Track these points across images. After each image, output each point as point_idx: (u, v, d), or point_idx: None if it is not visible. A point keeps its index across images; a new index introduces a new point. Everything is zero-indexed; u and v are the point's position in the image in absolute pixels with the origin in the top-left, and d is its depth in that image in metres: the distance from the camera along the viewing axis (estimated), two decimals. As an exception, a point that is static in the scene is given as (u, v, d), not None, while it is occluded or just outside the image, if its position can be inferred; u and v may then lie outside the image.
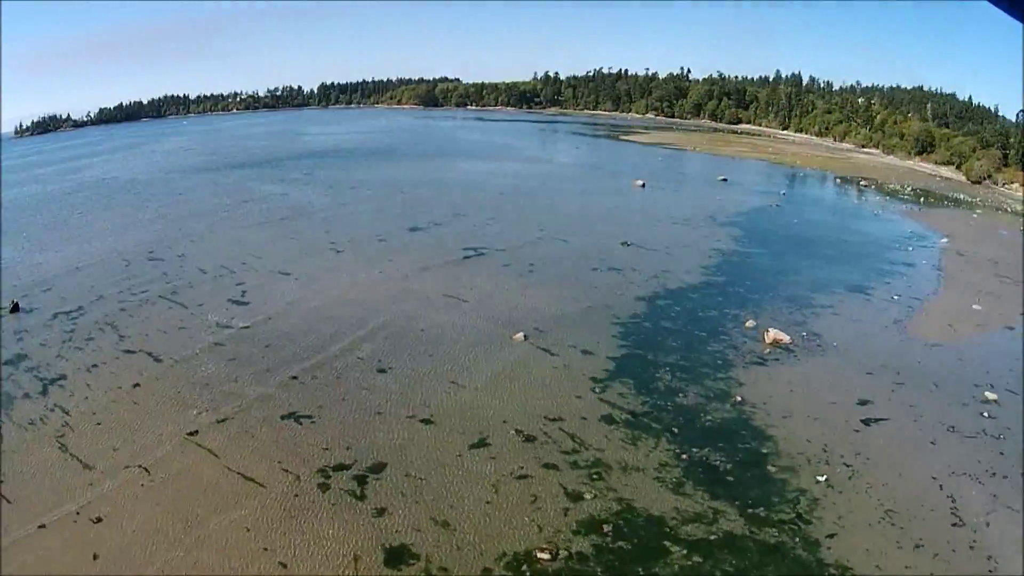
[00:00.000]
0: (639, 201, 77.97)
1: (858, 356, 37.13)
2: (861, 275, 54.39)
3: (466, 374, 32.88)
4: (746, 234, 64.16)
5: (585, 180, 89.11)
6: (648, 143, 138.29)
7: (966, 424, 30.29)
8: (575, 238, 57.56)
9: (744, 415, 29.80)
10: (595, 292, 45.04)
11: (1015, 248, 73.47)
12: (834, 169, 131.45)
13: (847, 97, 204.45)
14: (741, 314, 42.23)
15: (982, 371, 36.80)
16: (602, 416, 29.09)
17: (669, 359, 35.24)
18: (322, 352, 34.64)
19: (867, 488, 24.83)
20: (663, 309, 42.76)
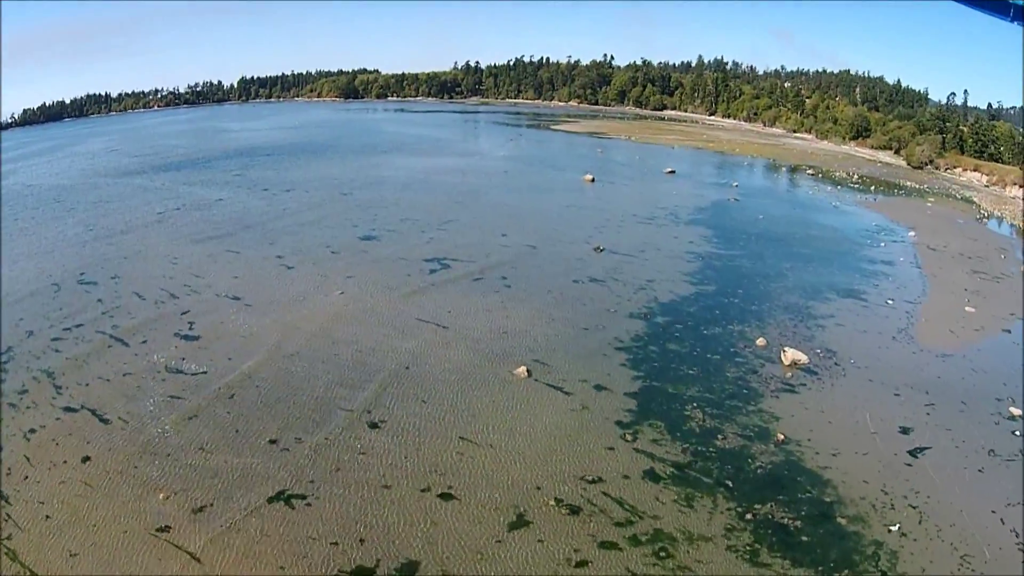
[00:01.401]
0: (594, 198, 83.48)
1: (880, 374, 41.05)
2: (847, 277, 60.71)
3: (475, 426, 32.51)
4: (716, 234, 69.97)
5: (531, 176, 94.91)
6: (580, 132, 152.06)
7: (1003, 446, 34.23)
8: (543, 244, 60.45)
9: (793, 456, 31.74)
10: (585, 310, 46.90)
11: (978, 239, 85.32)
12: (775, 156, 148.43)
13: (775, 82, 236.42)
14: (747, 330, 45.87)
15: (998, 383, 41.96)
16: (644, 472, 29.72)
17: (691, 391, 37.09)
18: (297, 403, 34.24)
19: (938, 532, 27.17)
20: (664, 328, 45.29)
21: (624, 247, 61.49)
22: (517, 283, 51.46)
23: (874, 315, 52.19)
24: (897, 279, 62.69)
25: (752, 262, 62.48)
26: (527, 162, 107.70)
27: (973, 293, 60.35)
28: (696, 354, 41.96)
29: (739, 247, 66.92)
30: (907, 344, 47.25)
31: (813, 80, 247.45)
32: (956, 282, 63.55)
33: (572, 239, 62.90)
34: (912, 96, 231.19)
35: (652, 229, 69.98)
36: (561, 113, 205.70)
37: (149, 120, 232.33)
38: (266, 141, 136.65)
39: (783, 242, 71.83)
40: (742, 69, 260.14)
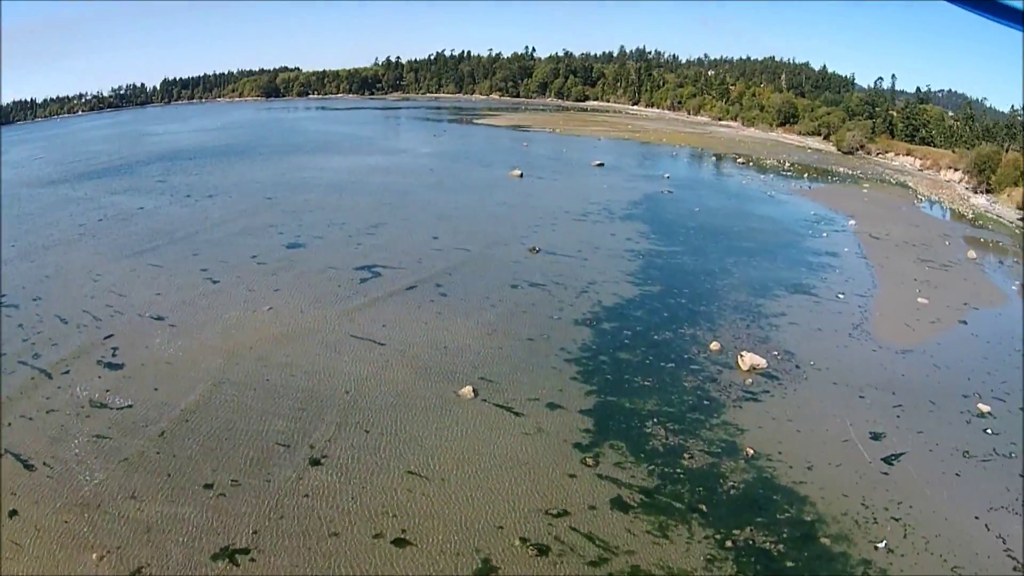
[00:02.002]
0: (524, 195, 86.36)
1: (843, 376, 42.58)
2: (793, 271, 63.34)
3: (423, 458, 32.04)
4: (654, 229, 72.56)
5: (458, 173, 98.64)
6: (503, 125, 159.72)
7: (977, 446, 35.89)
8: (476, 247, 61.78)
9: (765, 472, 32.16)
10: (527, 319, 47.61)
11: (920, 226, 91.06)
12: (703, 145, 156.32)
13: (698, 70, 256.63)
14: (698, 333, 46.91)
15: (962, 378, 44.27)
16: (612, 501, 29.48)
17: (649, 405, 37.44)
18: (230, 440, 33.89)
19: (925, 545, 27.95)
20: (612, 335, 46.08)
21: (561, 247, 63.27)
22: (453, 291, 52.26)
23: (827, 311, 54.27)
24: (844, 271, 65.67)
25: (694, 258, 64.55)
26: (453, 158, 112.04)
27: (923, 283, 63.84)
28: (649, 363, 42.54)
29: (679, 242, 69.26)
30: (865, 341, 49.21)
31: (737, 67, 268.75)
32: (904, 272, 67.10)
33: (506, 240, 64.69)
34: (839, 81, 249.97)
35: (587, 226, 72.20)
36: (483, 106, 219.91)
37: (75, 125, 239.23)
38: (188, 144, 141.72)
39: (723, 235, 74.46)
40: (665, 58, 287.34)
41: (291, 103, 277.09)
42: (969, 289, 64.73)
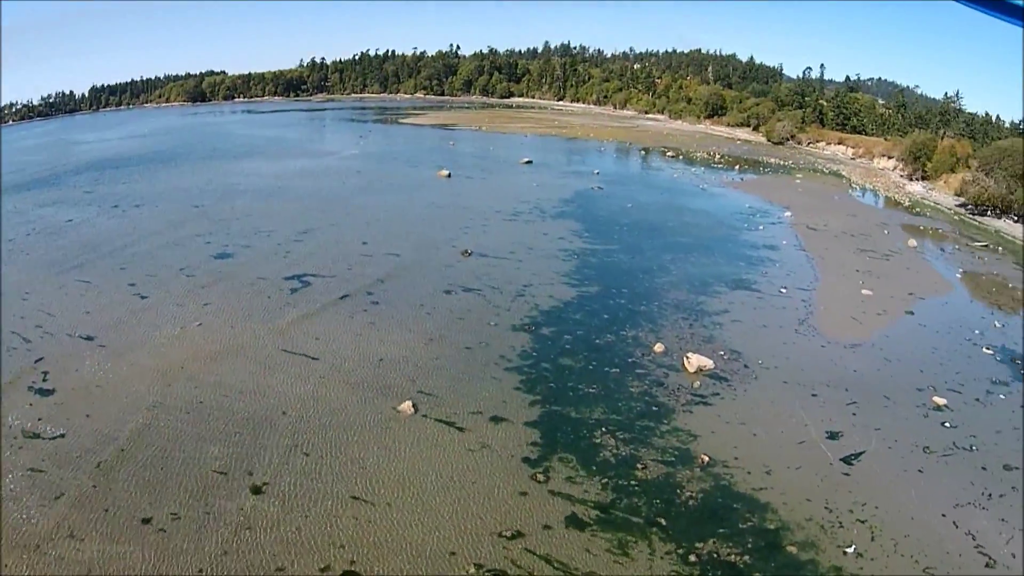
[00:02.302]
0: (453, 195, 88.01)
1: (793, 374, 42.98)
2: (732, 266, 64.29)
3: (367, 481, 31.49)
4: (587, 227, 73.66)
5: (385, 174, 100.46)
6: (429, 124, 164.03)
7: (936, 441, 36.59)
8: (407, 250, 62.53)
9: (723, 480, 31.88)
10: (464, 326, 47.68)
11: (857, 215, 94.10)
12: (630, 140, 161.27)
13: (624, 64, 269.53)
14: (641, 335, 46.95)
15: (915, 371, 45.29)
16: (567, 519, 28.94)
17: (596, 414, 37.04)
18: (166, 469, 33.28)
19: (894, 547, 28.06)
20: (553, 340, 46.03)
21: (493, 248, 64.20)
22: (385, 299, 52.51)
23: (770, 307, 55.08)
24: (784, 264, 67.05)
25: (630, 256, 65.30)
26: (379, 160, 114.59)
27: (866, 274, 65.54)
28: (593, 368, 42.32)
29: (614, 240, 70.21)
30: (812, 337, 49.93)
31: (664, 60, 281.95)
32: (846, 263, 68.83)
33: (436, 243, 65.63)
34: (766, 72, 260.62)
35: (519, 226, 73.46)
36: (408, 106, 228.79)
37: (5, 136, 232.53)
38: (116, 152, 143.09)
39: (658, 232, 75.60)
40: (590, 53, 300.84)
41: (217, 107, 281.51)
42: (913, 278, 66.75)
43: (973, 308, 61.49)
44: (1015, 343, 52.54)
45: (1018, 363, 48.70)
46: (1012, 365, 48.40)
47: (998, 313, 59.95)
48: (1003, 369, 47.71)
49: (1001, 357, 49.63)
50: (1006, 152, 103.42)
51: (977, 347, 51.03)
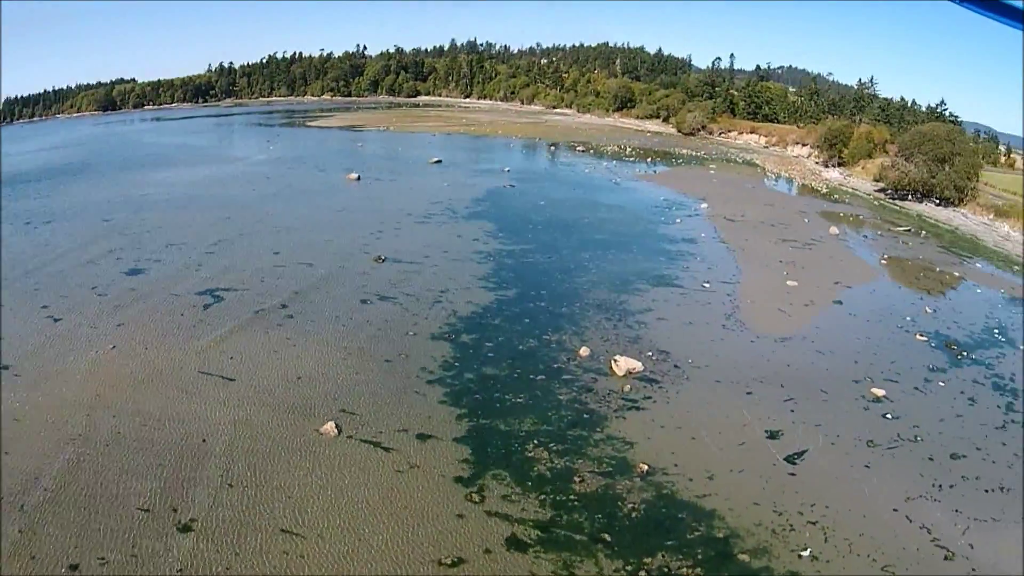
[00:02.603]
0: (363, 199, 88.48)
1: (725, 372, 43.17)
2: (652, 262, 64.78)
3: (295, 512, 30.33)
4: (500, 227, 73.92)
5: (294, 179, 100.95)
6: (336, 127, 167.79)
7: (879, 433, 37.20)
8: (319, 259, 62.52)
9: (665, 489, 31.40)
10: (382, 337, 47.11)
11: (774, 204, 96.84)
12: (539, 135, 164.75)
13: (531, 60, 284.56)
14: (564, 339, 46.52)
15: (849, 363, 46.08)
16: (507, 541, 28.27)
17: (526, 426, 36.37)
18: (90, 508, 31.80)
19: (849, 547, 28.08)
20: (474, 349, 45.43)
21: (406, 253, 64.25)
22: (300, 312, 51.81)
23: (695, 303, 55.47)
24: (705, 258, 68.00)
25: (547, 256, 65.31)
26: (288, 165, 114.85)
27: (789, 264, 66.93)
28: (518, 377, 41.71)
29: (529, 239, 70.38)
30: (741, 332, 50.37)
31: (571, 55, 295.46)
32: (767, 254, 70.20)
33: (349, 250, 65.54)
34: (675, 63, 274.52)
35: (431, 228, 73.85)
36: (315, 108, 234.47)
37: None
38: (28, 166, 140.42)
39: (574, 229, 75.93)
40: (497, 49, 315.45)
41: (128, 115, 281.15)
42: (837, 266, 68.56)
43: (902, 294, 63.48)
44: (947, 328, 54.34)
45: (953, 349, 50.22)
46: (947, 351, 49.93)
47: (928, 298, 62.06)
48: (938, 356, 49.15)
49: (935, 343, 51.20)
50: (926, 137, 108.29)
51: (910, 334, 52.51)
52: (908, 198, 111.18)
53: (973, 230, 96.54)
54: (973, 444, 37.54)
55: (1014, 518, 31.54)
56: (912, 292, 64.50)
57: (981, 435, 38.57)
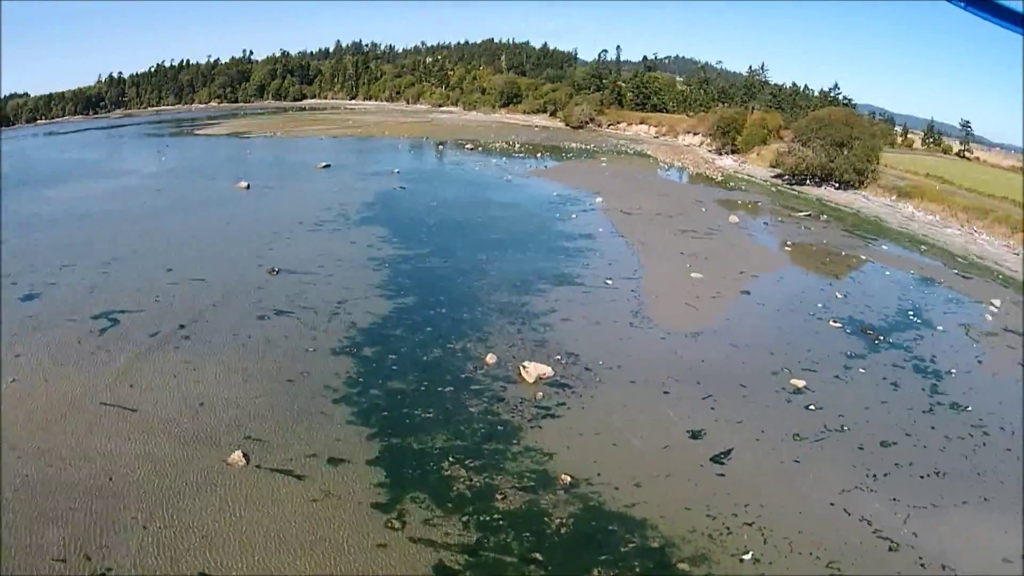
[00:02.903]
0: (254, 208, 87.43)
1: (638, 372, 43.04)
2: (551, 261, 64.74)
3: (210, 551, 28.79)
4: (394, 231, 73.37)
5: (185, 191, 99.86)
6: (224, 134, 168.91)
7: (805, 426, 37.68)
8: (213, 274, 61.02)
9: (591, 500, 30.73)
10: (282, 355, 45.59)
11: (670, 195, 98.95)
12: (427, 134, 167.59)
13: (416, 58, 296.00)
14: (469, 346, 45.61)
15: (765, 354, 46.65)
16: (435, 569, 27.28)
17: (439, 442, 35.33)
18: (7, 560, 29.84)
19: (791, 546, 27.92)
20: (377, 363, 44.21)
21: (301, 264, 63.25)
22: (197, 332, 49.98)
23: (599, 301, 55.45)
24: (605, 254, 68.50)
25: (443, 259, 64.65)
26: (179, 175, 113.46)
27: (691, 256, 67.96)
28: (425, 390, 40.63)
29: (423, 243, 69.86)
30: (650, 329, 50.48)
31: (456, 52, 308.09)
32: (668, 247, 71.19)
33: (243, 263, 64.17)
34: (561, 57, 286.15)
35: (324, 236, 72.95)
36: (203, 116, 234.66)
37: None
38: None
39: (468, 229, 75.62)
40: (382, 49, 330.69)
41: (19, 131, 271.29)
42: (740, 256, 70.02)
43: (810, 281, 65.28)
44: (861, 313, 55.99)
45: (869, 334, 51.69)
46: (863, 336, 51.33)
47: (837, 283, 63.99)
48: (854, 341, 50.43)
49: (850, 329, 52.59)
50: (824, 121, 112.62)
51: (823, 321, 53.82)
52: (806, 183, 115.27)
53: (876, 212, 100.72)
54: (902, 430, 38.41)
55: (953, 502, 32.27)
56: (821, 278, 66.34)
57: (909, 420, 39.58)
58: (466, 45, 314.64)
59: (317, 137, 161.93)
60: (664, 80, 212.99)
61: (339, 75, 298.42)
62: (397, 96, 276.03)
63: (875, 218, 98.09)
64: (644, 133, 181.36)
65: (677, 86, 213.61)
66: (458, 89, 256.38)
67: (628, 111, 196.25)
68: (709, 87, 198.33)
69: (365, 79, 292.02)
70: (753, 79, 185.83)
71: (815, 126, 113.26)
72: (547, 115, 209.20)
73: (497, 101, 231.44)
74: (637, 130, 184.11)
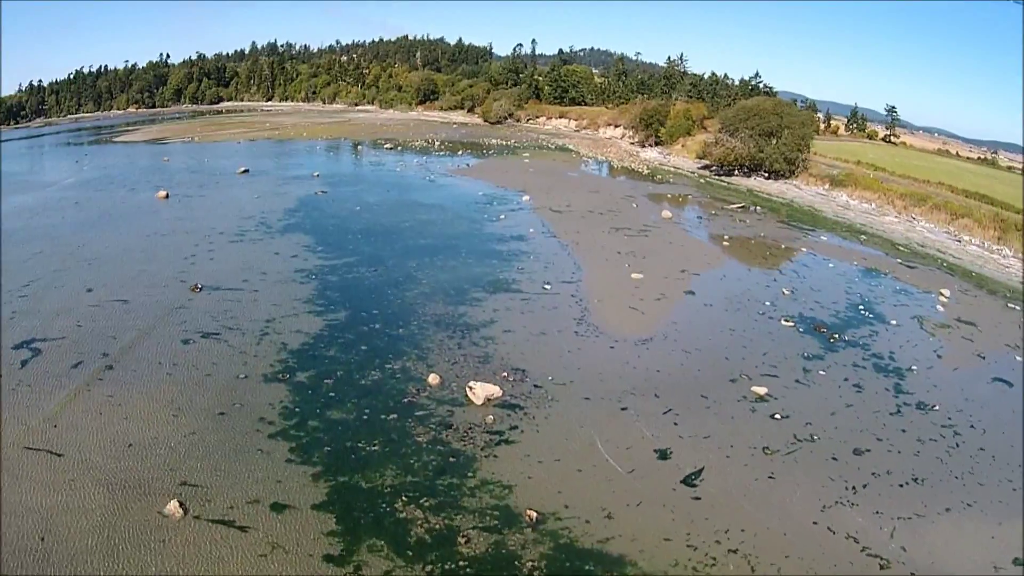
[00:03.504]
0: (174, 218, 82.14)
1: (591, 386, 40.79)
2: (484, 266, 62.14)
3: None
4: (318, 240, 69.64)
5: (104, 202, 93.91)
6: (142, 141, 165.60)
7: (774, 437, 36.25)
8: (135, 293, 56.64)
9: (562, 538, 28.52)
10: (212, 385, 41.59)
11: (599, 191, 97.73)
12: (344, 135, 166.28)
13: (331, 57, 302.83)
14: (409, 366, 42.54)
15: (720, 359, 44.97)
16: None
17: (389, 480, 32.38)
18: None
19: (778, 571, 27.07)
20: (313, 389, 40.69)
21: (224, 279, 59.10)
22: (122, 362, 45.42)
23: (540, 308, 52.98)
24: (539, 256, 66.14)
25: (373, 269, 61.32)
26: (98, 186, 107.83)
27: (629, 255, 66.29)
28: (367, 419, 37.39)
29: (350, 252, 66.28)
30: (597, 338, 48.16)
31: (371, 50, 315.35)
32: (604, 246, 69.32)
33: (164, 279, 59.64)
34: (476, 52, 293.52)
35: (246, 248, 68.67)
36: (121, 122, 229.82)
37: None
38: None
39: (395, 235, 72.30)
40: (297, 49, 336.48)
41: None
42: (679, 253, 68.69)
43: (754, 277, 64.16)
44: (811, 309, 55.02)
45: (823, 331, 50.55)
46: (817, 335, 50.24)
47: (782, 278, 63.00)
48: (809, 341, 49.32)
49: (803, 328, 51.56)
50: (752, 111, 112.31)
51: (774, 320, 52.70)
52: (735, 173, 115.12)
53: (810, 201, 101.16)
54: (872, 435, 37.44)
55: (936, 510, 31.52)
56: (764, 273, 65.35)
57: (878, 424, 38.65)
58: (381, 43, 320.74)
59: (235, 141, 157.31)
60: (582, 73, 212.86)
61: (255, 76, 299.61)
62: (313, 96, 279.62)
63: (809, 208, 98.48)
64: (564, 127, 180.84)
65: (595, 79, 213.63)
66: (374, 87, 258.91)
67: (547, 105, 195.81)
68: (628, 79, 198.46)
69: (281, 80, 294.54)
70: (673, 69, 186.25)
71: (743, 116, 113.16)
72: (465, 111, 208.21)
73: (414, 99, 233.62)
74: (557, 124, 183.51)
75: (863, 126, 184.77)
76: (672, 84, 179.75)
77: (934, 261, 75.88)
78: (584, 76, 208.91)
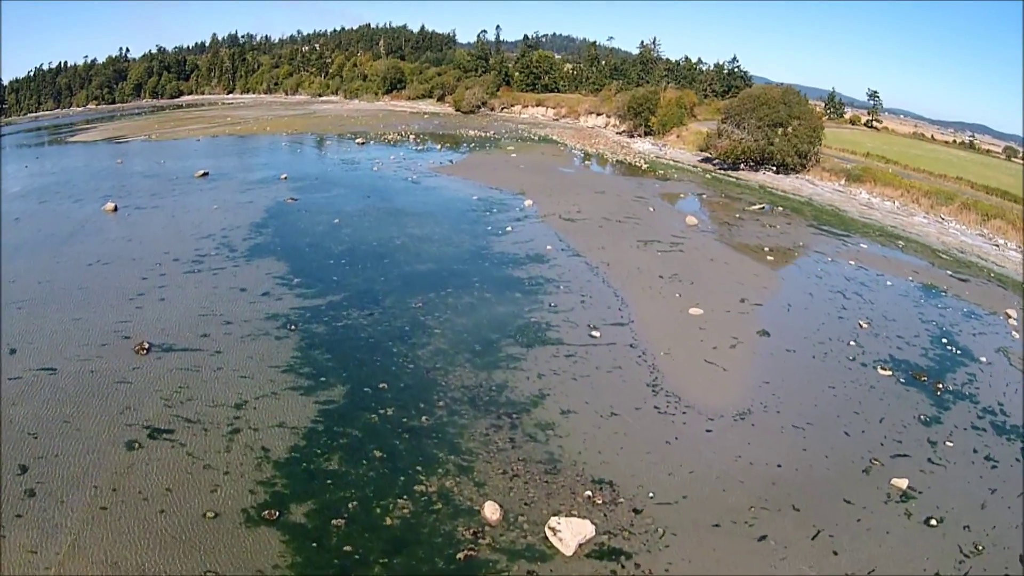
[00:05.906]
0: (120, 240, 65.95)
1: (707, 506, 28.65)
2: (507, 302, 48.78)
3: None
4: (293, 267, 54.82)
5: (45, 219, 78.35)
6: (98, 140, 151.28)
7: (939, 557, 25.76)
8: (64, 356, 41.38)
9: None
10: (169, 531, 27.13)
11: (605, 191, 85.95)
12: (310, 129, 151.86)
13: (293, 48, 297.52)
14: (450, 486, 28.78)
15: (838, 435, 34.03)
16: None
17: None
18: None
19: None
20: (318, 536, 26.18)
21: (178, 332, 43.36)
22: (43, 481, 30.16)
23: (596, 370, 39.35)
24: (569, 284, 52.78)
25: (366, 310, 46.51)
26: (42, 196, 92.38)
27: (673, 280, 54.41)
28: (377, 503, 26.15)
29: (334, 285, 50.98)
30: (684, 415, 35.22)
31: (333, 39, 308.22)
32: (639, 267, 56.86)
33: (103, 334, 43.64)
34: (440, 40, 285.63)
35: (205, 281, 52.48)
36: (80, 120, 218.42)
37: None
38: None
39: (387, 259, 57.64)
40: (258, 40, 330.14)
41: None
42: (727, 274, 57.16)
43: (820, 305, 52.96)
44: (896, 348, 45.17)
45: (924, 380, 40.73)
46: (920, 385, 40.53)
47: (850, 306, 52.95)
48: (916, 396, 39.03)
49: (903, 377, 41.26)
50: (759, 101, 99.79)
51: (868, 368, 41.98)
52: (741, 168, 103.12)
53: (829, 199, 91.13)
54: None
55: None
56: (827, 299, 53.82)
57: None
58: (343, 32, 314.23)
59: (194, 138, 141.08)
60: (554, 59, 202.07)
61: (216, 69, 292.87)
62: (275, 87, 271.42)
63: (832, 208, 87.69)
64: (542, 116, 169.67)
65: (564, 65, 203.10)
66: (338, 77, 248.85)
67: (521, 93, 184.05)
68: (600, 64, 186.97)
69: (243, 71, 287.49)
70: (647, 54, 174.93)
71: (749, 106, 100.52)
72: (435, 100, 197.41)
73: (380, 88, 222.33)
74: (534, 112, 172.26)
75: (841, 111, 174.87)
76: (648, 69, 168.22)
77: (980, 271, 66.55)
78: (556, 64, 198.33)
